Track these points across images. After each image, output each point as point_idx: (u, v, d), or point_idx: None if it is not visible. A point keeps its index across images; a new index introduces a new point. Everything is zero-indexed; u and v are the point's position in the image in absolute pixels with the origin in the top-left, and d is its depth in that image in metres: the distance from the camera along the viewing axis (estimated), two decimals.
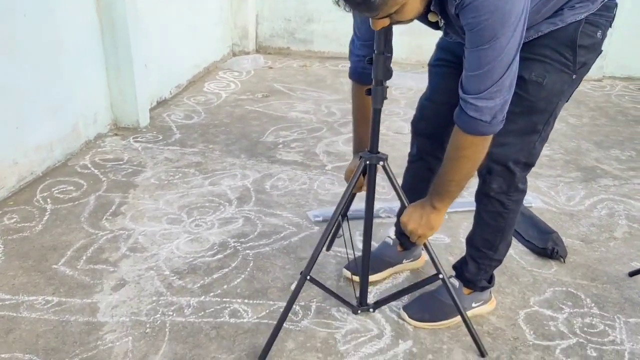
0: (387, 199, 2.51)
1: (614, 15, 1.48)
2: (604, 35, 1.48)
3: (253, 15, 4.92)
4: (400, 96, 3.96)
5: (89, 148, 2.99)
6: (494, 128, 1.35)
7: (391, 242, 2.04)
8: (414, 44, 4.67)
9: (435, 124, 1.77)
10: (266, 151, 3.02)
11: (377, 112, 1.54)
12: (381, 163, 1.57)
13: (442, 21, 1.39)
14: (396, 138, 3.22)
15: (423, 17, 1.41)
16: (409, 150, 1.95)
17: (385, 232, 2.15)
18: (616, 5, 1.48)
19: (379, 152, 1.57)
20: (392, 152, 3.03)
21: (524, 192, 1.66)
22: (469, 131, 1.36)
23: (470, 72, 1.29)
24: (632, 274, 2.01)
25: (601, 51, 1.51)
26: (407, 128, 3.34)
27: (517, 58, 1.28)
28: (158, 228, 2.27)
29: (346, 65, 4.63)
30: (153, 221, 2.32)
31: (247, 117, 3.53)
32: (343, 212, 1.91)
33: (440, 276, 1.60)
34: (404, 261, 2.04)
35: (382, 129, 3.36)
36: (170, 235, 2.22)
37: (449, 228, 2.30)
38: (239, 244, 2.17)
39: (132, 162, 2.85)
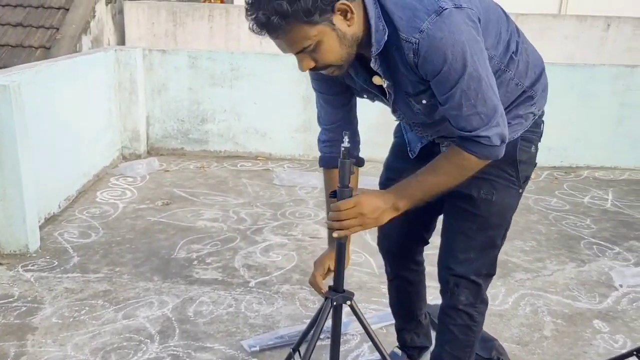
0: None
1: (542, 130, 1.62)
2: (537, 149, 1.61)
3: (143, 117, 4.73)
4: (307, 196, 3.95)
5: None
6: (503, 150, 1.39)
7: (400, 353, 1.99)
8: (309, 140, 4.76)
9: (399, 241, 1.79)
10: (181, 270, 2.79)
11: (342, 247, 1.47)
12: (348, 303, 1.49)
13: (385, 82, 1.39)
14: (314, 244, 3.15)
15: (368, 82, 1.44)
16: None
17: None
18: (543, 122, 1.61)
19: (344, 291, 1.49)
20: (311, 259, 2.98)
21: (487, 303, 1.68)
22: (488, 156, 1.37)
23: (468, 112, 1.31)
24: None
25: (536, 163, 1.63)
26: (322, 231, 3.31)
27: (494, 81, 1.33)
28: None
29: (245, 164, 4.64)
30: None
31: (151, 230, 3.28)
32: (295, 346, 1.79)
33: None
34: None
35: (297, 233, 3.32)
36: None
37: (390, 343, 2.23)
38: None
39: (25, 298, 2.47)
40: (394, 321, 2.14)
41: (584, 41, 6.59)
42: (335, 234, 1.42)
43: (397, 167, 1.71)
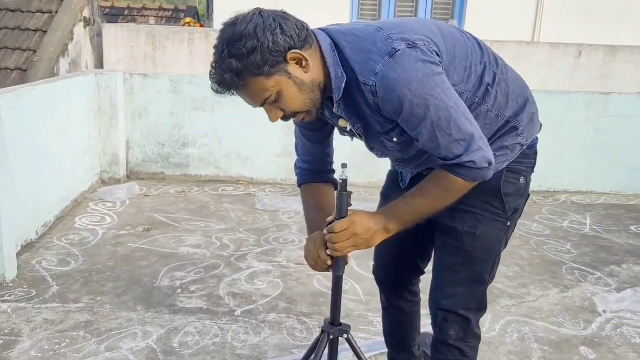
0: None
1: (535, 161, 1.61)
2: (527, 180, 1.59)
3: (123, 141, 4.67)
4: (290, 221, 3.93)
5: None
6: (491, 172, 1.37)
7: None
8: (291, 165, 4.73)
9: (394, 270, 1.78)
10: (165, 299, 2.73)
11: (339, 280, 1.46)
12: (345, 336, 1.47)
13: (350, 124, 1.42)
14: (299, 270, 3.12)
15: (336, 123, 1.48)
16: (316, 284, 1.90)
17: None
18: (536, 152, 1.61)
19: (341, 324, 1.47)
20: (297, 287, 2.96)
21: (479, 338, 1.66)
22: (475, 178, 1.36)
23: (446, 142, 1.30)
24: None
25: (529, 195, 1.62)
26: None
27: (466, 108, 1.33)
28: None
29: (226, 189, 4.60)
30: None
31: (133, 257, 3.21)
32: None
33: None
34: None
35: (282, 259, 3.29)
36: None
37: None
38: None
39: (1, 331, 2.38)
40: (383, 350, 2.13)
41: (557, 68, 6.76)
42: (328, 252, 1.44)
43: (392, 195, 1.71)
